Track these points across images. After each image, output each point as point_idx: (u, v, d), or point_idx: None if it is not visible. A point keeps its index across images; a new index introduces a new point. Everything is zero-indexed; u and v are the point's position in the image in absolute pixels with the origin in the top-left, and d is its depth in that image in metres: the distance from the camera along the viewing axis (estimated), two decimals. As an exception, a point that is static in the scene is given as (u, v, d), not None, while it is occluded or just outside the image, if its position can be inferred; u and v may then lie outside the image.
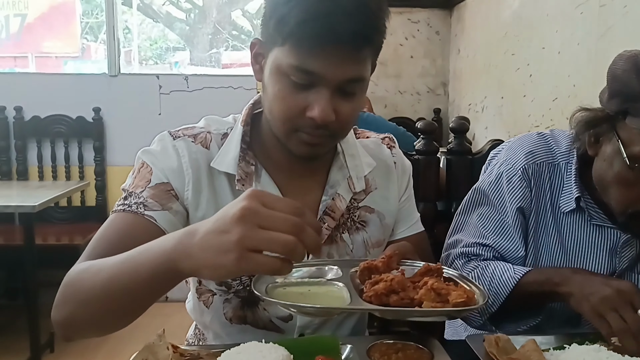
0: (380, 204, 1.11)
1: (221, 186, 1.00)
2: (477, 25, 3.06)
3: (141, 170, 0.98)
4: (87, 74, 3.56)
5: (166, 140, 1.00)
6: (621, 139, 1.00)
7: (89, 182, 3.34)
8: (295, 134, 0.92)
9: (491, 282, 1.10)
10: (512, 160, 1.19)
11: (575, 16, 1.99)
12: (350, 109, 0.92)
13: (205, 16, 5.61)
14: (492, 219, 1.20)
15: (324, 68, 0.86)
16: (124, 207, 0.94)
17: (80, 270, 0.84)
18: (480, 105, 2.98)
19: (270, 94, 0.92)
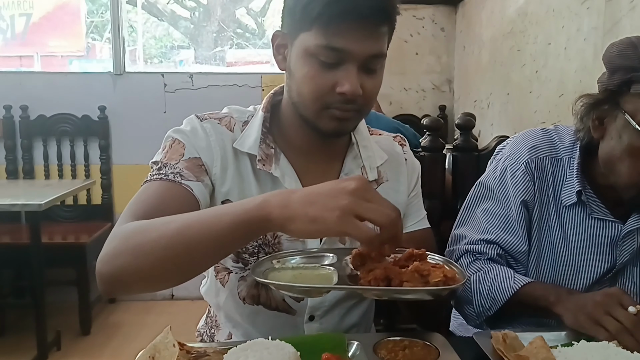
0: (391, 195, 1.15)
1: (245, 165, 1.06)
2: (482, 21, 3.04)
3: (173, 146, 1.04)
4: (92, 72, 3.57)
5: (195, 122, 1.07)
6: (628, 112, 1.03)
7: (95, 180, 3.35)
8: (325, 111, 0.98)
9: (490, 288, 1.13)
10: (515, 155, 1.20)
11: (581, 11, 1.98)
12: (373, 85, 0.99)
13: (209, 14, 5.60)
14: (496, 213, 1.21)
15: (350, 44, 0.93)
16: (161, 176, 0.99)
17: (138, 226, 0.87)
18: (486, 102, 2.96)
19: (298, 77, 0.99)
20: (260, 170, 1.05)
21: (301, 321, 1.11)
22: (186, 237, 0.82)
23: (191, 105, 3.46)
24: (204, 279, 1.22)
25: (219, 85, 3.50)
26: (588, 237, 1.18)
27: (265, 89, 3.51)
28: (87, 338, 3.05)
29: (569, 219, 1.18)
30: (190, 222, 0.83)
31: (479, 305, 1.14)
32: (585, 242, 1.18)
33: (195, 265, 0.86)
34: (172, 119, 3.43)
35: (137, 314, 3.33)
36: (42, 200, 2.53)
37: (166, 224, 0.84)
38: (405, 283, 0.81)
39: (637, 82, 1.01)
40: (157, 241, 0.83)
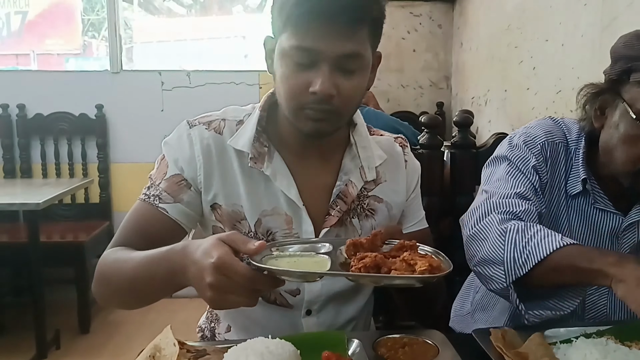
0: (389, 195, 1.17)
1: (231, 167, 1.08)
2: (479, 18, 3.04)
3: (161, 162, 1.10)
4: (89, 71, 3.56)
5: (182, 130, 1.10)
6: (626, 100, 1.05)
7: (93, 179, 3.34)
8: (301, 112, 0.99)
9: (529, 242, 1.01)
10: (532, 135, 1.20)
11: (578, 8, 1.98)
12: (351, 86, 0.98)
13: (206, 12, 5.59)
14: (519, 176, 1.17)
15: (321, 44, 0.93)
16: (145, 197, 1.08)
17: (110, 261, 1.02)
18: (484, 99, 2.97)
19: (277, 78, 1.01)
20: (252, 169, 1.07)
21: (299, 315, 1.13)
22: (132, 288, 0.99)
23: (189, 103, 3.46)
24: None
25: (216, 83, 3.49)
26: (590, 228, 1.19)
27: (262, 87, 3.50)
28: (86, 337, 3.05)
29: (573, 208, 1.19)
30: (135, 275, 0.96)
31: (511, 260, 1.01)
32: (587, 232, 1.19)
33: (153, 300, 1.01)
34: (170, 117, 3.45)
35: (136, 313, 3.31)
36: (40, 199, 2.53)
37: (122, 269, 0.99)
38: (393, 271, 0.83)
39: (636, 70, 1.03)
40: (117, 284, 1.00)
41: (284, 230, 1.09)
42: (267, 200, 1.08)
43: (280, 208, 1.08)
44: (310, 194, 1.10)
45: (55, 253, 2.93)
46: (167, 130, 3.70)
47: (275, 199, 1.08)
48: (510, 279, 1.02)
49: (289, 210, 1.09)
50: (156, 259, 0.93)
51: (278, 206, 1.08)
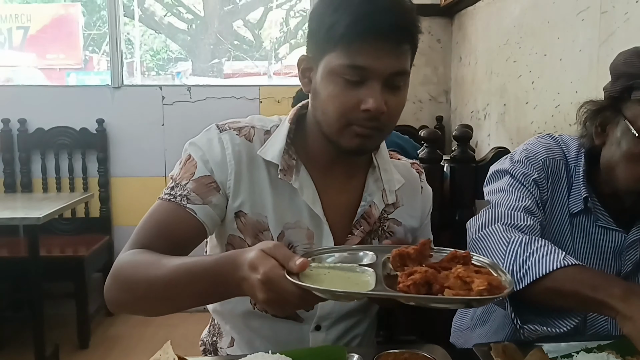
0: (406, 219, 1.20)
1: (261, 176, 1.08)
2: (478, 33, 3.06)
3: (187, 162, 1.08)
4: (90, 85, 3.58)
5: (213, 133, 1.09)
6: (628, 118, 1.05)
7: (93, 193, 3.35)
8: (348, 128, 1.00)
9: (530, 257, 1.01)
10: (533, 151, 1.20)
11: (576, 23, 2.00)
12: (397, 102, 1.01)
13: (207, 27, 5.62)
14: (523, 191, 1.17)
15: (373, 62, 0.96)
16: (170, 196, 1.05)
17: (134, 265, 0.97)
18: (483, 113, 2.98)
19: (323, 97, 1.01)
20: (280, 181, 1.07)
21: (307, 330, 1.13)
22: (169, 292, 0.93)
23: (189, 118, 3.47)
24: None
25: (216, 98, 3.50)
26: (593, 246, 1.18)
27: (262, 101, 3.52)
28: (85, 352, 3.03)
29: (576, 226, 1.19)
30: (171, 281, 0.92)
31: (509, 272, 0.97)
32: (590, 250, 1.19)
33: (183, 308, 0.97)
34: (170, 131, 3.47)
35: (136, 327, 3.31)
36: (41, 214, 2.53)
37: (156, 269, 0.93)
38: (447, 290, 0.77)
39: (638, 88, 1.03)
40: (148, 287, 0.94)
41: (304, 245, 1.09)
42: (291, 213, 1.09)
43: (302, 222, 1.09)
44: (333, 210, 1.11)
45: (55, 267, 2.93)
46: (167, 145, 3.75)
47: (299, 212, 1.09)
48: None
49: (312, 225, 1.10)
50: (199, 268, 0.91)
51: (301, 220, 1.09)
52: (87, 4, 4.77)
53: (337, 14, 0.96)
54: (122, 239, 3.51)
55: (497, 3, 2.76)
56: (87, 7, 4.84)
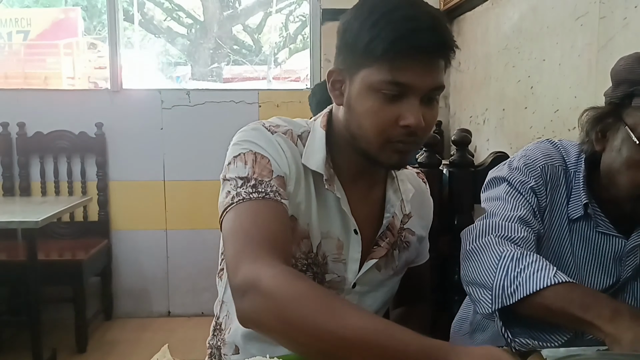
0: (418, 229, 1.22)
1: (310, 183, 1.07)
2: (477, 38, 3.07)
3: (258, 160, 1.00)
4: (89, 89, 3.58)
5: (267, 135, 1.04)
6: (628, 125, 1.04)
7: (92, 197, 3.35)
8: (388, 145, 0.99)
9: (522, 272, 1.00)
10: (531, 157, 1.19)
11: (575, 28, 2.00)
12: (432, 116, 1.00)
13: (206, 31, 5.63)
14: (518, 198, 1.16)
15: (414, 79, 0.95)
16: (260, 194, 0.96)
17: (299, 295, 0.82)
18: (482, 118, 2.98)
19: (360, 112, 0.99)
20: (320, 189, 1.06)
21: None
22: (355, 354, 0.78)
23: (188, 122, 3.48)
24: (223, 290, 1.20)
25: (215, 102, 3.50)
26: (593, 252, 1.17)
27: (262, 105, 3.52)
28: (83, 356, 3.02)
29: (575, 232, 1.18)
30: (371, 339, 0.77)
31: (500, 287, 1.00)
32: (590, 256, 1.18)
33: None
34: (169, 135, 3.47)
35: (134, 331, 3.31)
36: (39, 217, 2.53)
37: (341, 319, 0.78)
38: None
39: (638, 95, 1.02)
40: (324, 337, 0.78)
41: (334, 255, 1.09)
42: (324, 223, 1.08)
43: (333, 232, 1.09)
44: (359, 222, 1.11)
45: (53, 271, 2.92)
46: (166, 149, 3.74)
47: (330, 222, 1.08)
48: (497, 305, 1.01)
49: (342, 235, 1.09)
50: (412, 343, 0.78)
51: (332, 230, 1.09)
52: (87, 8, 4.78)
53: (376, 29, 0.95)
54: (121, 243, 3.52)
55: (496, 8, 2.77)
56: (87, 12, 4.85)
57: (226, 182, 1.00)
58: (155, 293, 3.57)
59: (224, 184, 1.01)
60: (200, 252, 3.46)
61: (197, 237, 3.48)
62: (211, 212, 2.78)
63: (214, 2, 6.10)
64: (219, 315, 1.22)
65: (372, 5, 0.98)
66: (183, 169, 3.50)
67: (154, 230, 3.52)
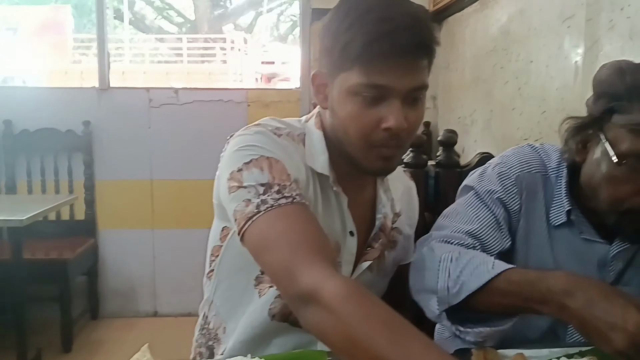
0: (405, 228, 1.22)
1: (317, 184, 1.06)
2: (465, 39, 3.08)
3: (273, 165, 0.97)
4: (77, 87, 3.56)
5: (273, 137, 1.02)
6: (608, 139, 1.02)
7: (78, 196, 3.32)
8: (373, 150, 0.99)
9: (463, 271, 1.00)
10: (507, 164, 1.17)
11: (562, 30, 2.01)
12: (416, 116, 0.99)
13: (196, 30, 5.62)
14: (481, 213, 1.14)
15: (393, 80, 0.94)
16: (288, 199, 0.93)
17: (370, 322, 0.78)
18: (470, 119, 2.99)
19: (342, 117, 0.99)
20: (329, 192, 1.06)
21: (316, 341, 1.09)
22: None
23: (176, 121, 3.46)
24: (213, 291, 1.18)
25: (204, 101, 3.49)
26: (576, 258, 1.16)
27: (250, 105, 3.51)
28: (68, 355, 3.00)
29: (558, 238, 1.16)
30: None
31: (445, 289, 1.00)
32: (573, 262, 1.15)
33: None
34: (157, 134, 3.46)
35: (120, 331, 3.29)
36: (24, 216, 2.50)
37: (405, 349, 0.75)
38: None
39: (618, 112, 1.00)
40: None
41: None
42: (326, 225, 1.05)
43: (332, 234, 1.07)
44: (354, 223, 1.11)
45: (38, 270, 2.90)
46: (154, 148, 3.72)
47: (331, 224, 1.07)
48: (443, 307, 1.01)
49: (340, 238, 1.09)
50: None
51: (331, 232, 1.07)
52: (77, 6, 4.76)
53: (352, 32, 0.94)
54: (107, 242, 3.50)
55: (485, 10, 2.78)
56: (77, 10, 4.83)
57: (242, 190, 0.95)
58: (142, 293, 3.55)
59: (238, 191, 0.96)
60: (188, 251, 3.44)
61: (184, 237, 3.47)
62: (199, 211, 2.76)
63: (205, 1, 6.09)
64: (207, 315, 1.21)
65: (348, 8, 0.97)
66: (171, 169, 3.49)
67: (141, 229, 3.50)
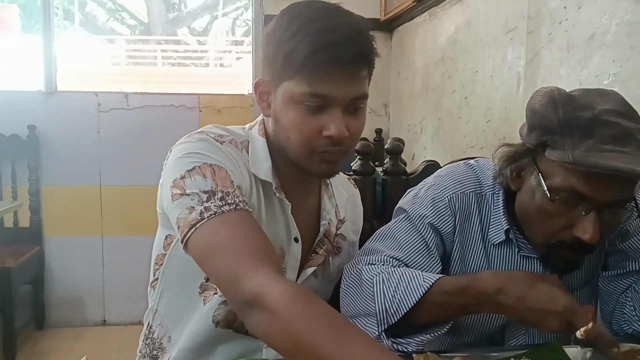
0: (349, 234, 1.23)
1: (260, 192, 1.07)
2: (415, 48, 3.14)
3: (217, 172, 0.98)
4: (21, 91, 3.44)
5: (215, 144, 1.02)
6: (541, 172, 1.01)
7: (22, 202, 3.21)
8: (315, 155, 1.01)
9: (397, 289, 1.02)
10: (440, 186, 1.17)
11: (505, 42, 2.07)
12: (357, 125, 1.02)
13: (150, 33, 5.55)
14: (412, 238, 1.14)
15: (334, 90, 0.96)
16: (231, 206, 0.94)
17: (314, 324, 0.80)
18: (419, 126, 3.04)
19: (285, 124, 1.01)
20: (273, 199, 1.07)
21: (262, 346, 1.12)
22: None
23: (126, 126, 3.40)
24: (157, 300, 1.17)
25: (155, 106, 3.43)
26: None
27: (202, 110, 3.48)
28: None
29: (497, 256, 1.16)
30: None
31: (383, 310, 1.02)
32: None
33: None
34: (106, 139, 3.39)
35: (66, 341, 3.20)
36: (-37, 223, 2.41)
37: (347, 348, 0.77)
38: None
39: (551, 147, 0.98)
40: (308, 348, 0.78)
41: None
42: (271, 231, 1.06)
43: (277, 241, 1.08)
44: (299, 229, 1.11)
45: (-21, 279, 2.80)
46: (103, 153, 3.63)
47: (275, 231, 1.08)
48: (382, 327, 1.02)
49: (284, 244, 1.10)
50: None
51: (276, 239, 1.08)
52: (24, 6, 4.63)
53: (295, 41, 0.95)
54: (54, 250, 3.41)
55: (434, 20, 2.84)
56: (24, 10, 4.69)
57: (185, 197, 0.95)
58: (90, 301, 3.46)
59: (181, 199, 0.95)
60: (138, 258, 3.35)
61: (134, 244, 3.40)
62: (149, 218, 2.71)
63: (159, 4, 6.02)
64: (151, 324, 1.20)
65: (291, 17, 0.98)
66: (120, 174, 3.42)
67: (90, 236, 3.42)
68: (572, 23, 1.66)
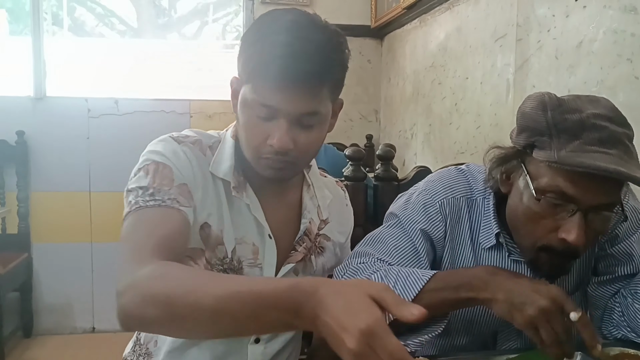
0: (335, 235, 1.24)
1: (220, 190, 1.08)
2: (406, 55, 3.15)
3: (160, 170, 1.01)
4: (10, 96, 3.41)
5: (174, 145, 1.05)
6: (529, 173, 1.02)
7: (10, 209, 3.19)
8: (262, 160, 1.03)
9: (395, 284, 1.02)
10: (431, 192, 1.17)
11: (495, 48, 2.09)
12: (308, 140, 1.02)
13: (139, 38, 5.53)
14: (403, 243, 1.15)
15: (281, 103, 0.97)
16: (157, 202, 0.96)
17: (167, 277, 0.81)
18: (410, 132, 3.06)
19: (241, 124, 1.05)
20: (235, 197, 1.08)
21: (246, 343, 1.13)
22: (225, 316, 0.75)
23: (116, 132, 3.38)
24: None
25: (145, 111, 3.43)
26: None
27: (193, 116, 3.48)
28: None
29: (487, 260, 1.16)
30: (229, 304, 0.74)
31: None
32: None
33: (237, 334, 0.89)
34: (96, 145, 3.37)
35: (55, 349, 3.17)
36: (-49, 230, 2.39)
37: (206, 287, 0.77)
38: None
39: (539, 148, 0.99)
40: (197, 309, 0.75)
41: (249, 260, 1.10)
42: (239, 229, 1.10)
43: (248, 237, 1.10)
44: (274, 226, 1.13)
45: (-33, 286, 2.77)
46: (93, 159, 3.61)
47: (245, 228, 1.10)
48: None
49: (257, 240, 1.11)
50: (269, 295, 0.72)
51: (247, 235, 1.10)
52: (12, 10, 4.60)
53: (253, 49, 0.97)
54: (42, 257, 3.38)
55: (424, 27, 2.86)
56: (12, 14, 4.66)
57: (129, 193, 1.00)
58: (79, 308, 3.43)
59: (127, 194, 1.01)
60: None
61: (124, 250, 3.38)
62: (138, 224, 2.70)
63: (149, 9, 6.01)
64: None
65: (261, 24, 1.00)
66: (110, 180, 3.39)
67: (79, 242, 3.39)
68: (560, 31, 1.68)
